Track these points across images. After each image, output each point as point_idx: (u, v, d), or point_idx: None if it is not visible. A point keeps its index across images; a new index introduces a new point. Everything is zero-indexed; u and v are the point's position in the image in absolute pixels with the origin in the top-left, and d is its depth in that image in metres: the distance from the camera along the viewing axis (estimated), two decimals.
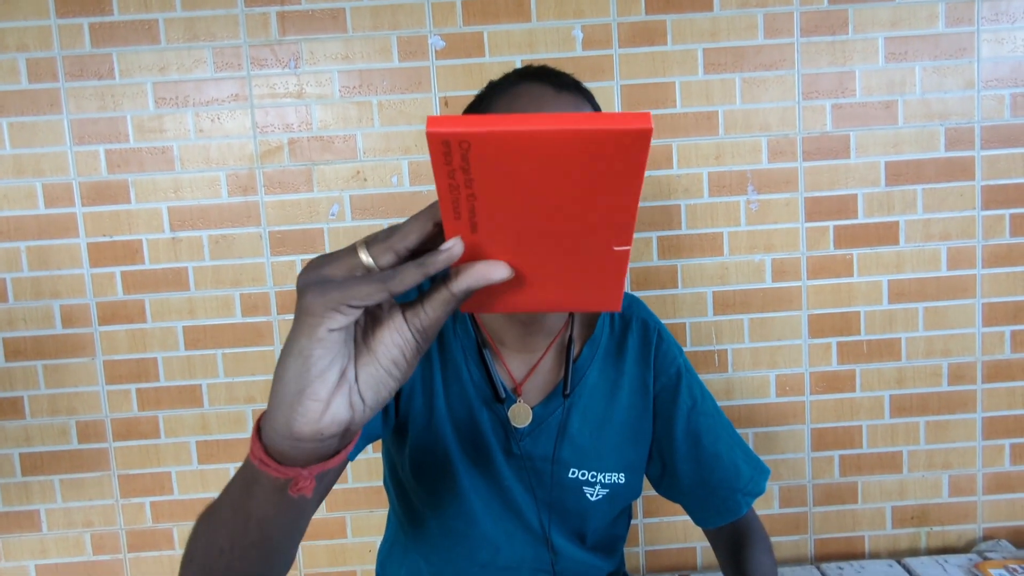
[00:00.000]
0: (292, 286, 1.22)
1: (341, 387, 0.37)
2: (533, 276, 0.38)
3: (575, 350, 0.73)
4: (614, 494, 0.73)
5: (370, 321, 0.39)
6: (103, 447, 1.23)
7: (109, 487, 1.24)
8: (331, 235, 1.22)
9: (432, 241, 0.36)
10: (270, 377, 1.24)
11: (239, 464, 1.24)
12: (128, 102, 1.18)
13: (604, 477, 0.72)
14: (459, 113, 0.71)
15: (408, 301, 0.39)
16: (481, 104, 0.68)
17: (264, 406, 1.24)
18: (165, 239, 1.21)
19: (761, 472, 0.76)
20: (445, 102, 1.20)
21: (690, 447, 0.73)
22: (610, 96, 1.19)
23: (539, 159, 0.31)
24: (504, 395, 0.69)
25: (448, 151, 0.30)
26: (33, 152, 1.18)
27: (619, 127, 0.30)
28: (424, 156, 1.21)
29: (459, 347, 0.71)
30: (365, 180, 1.21)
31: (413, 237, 0.36)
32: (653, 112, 1.21)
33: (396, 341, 0.38)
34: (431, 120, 0.30)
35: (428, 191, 1.21)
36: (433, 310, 0.37)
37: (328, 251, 0.33)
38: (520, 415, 0.69)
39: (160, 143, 1.19)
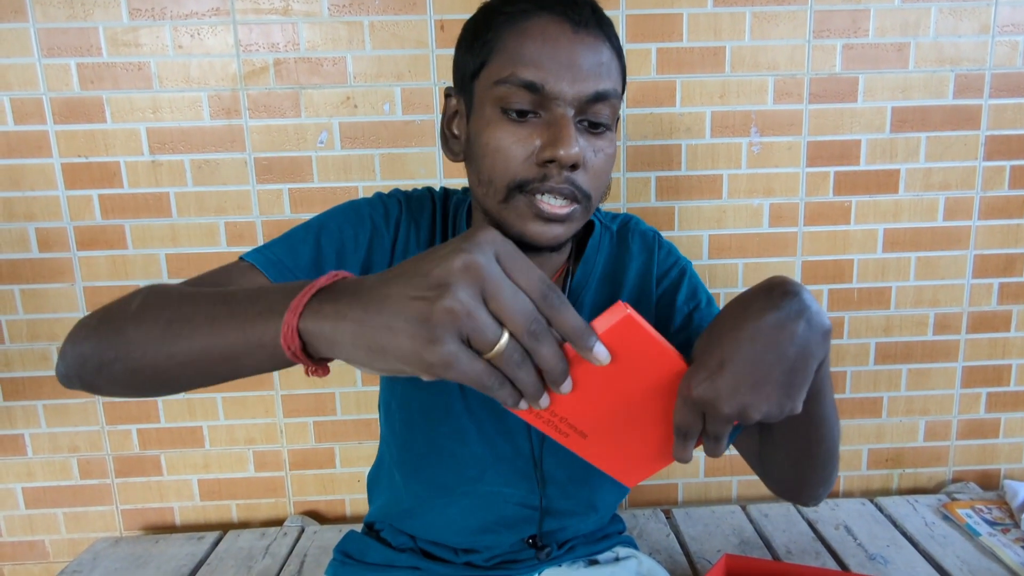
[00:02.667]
0: (279, 215, 1.18)
1: None
2: (602, 442, 0.46)
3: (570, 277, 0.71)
4: None
5: None
6: None
7: (94, 413, 1.23)
8: (319, 164, 1.17)
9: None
10: None
11: (226, 394, 1.23)
12: (100, 12, 1.10)
13: None
14: (455, 35, 0.66)
15: None
16: (488, 33, 0.60)
17: None
18: (144, 162, 1.15)
19: None
20: (441, 25, 1.13)
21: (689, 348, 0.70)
22: (615, 26, 1.13)
23: (588, 375, 0.40)
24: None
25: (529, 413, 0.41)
26: None
27: (604, 329, 0.38)
28: (417, 83, 1.15)
29: None
30: (355, 107, 1.16)
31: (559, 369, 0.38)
32: (658, 46, 1.16)
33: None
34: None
35: (422, 120, 1.16)
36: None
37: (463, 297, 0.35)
38: None
39: (136, 58, 1.12)
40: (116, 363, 0.47)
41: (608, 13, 0.61)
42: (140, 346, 0.46)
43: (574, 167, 0.57)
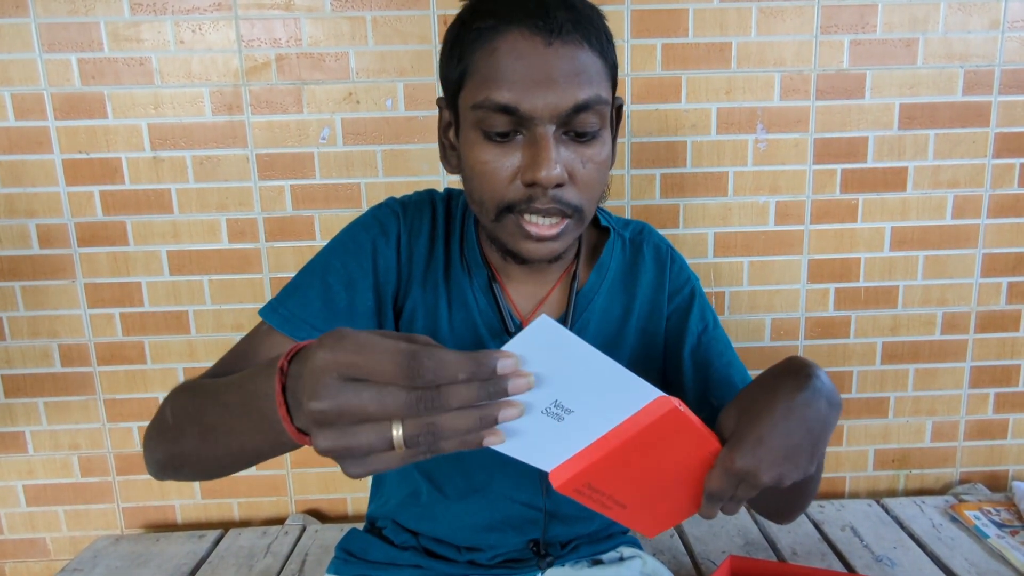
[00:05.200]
0: (280, 212, 1.18)
1: None
2: (637, 509, 0.51)
3: (580, 278, 0.71)
4: None
5: None
6: (87, 371, 1.21)
7: (95, 411, 1.23)
8: (321, 160, 1.16)
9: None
10: (259, 306, 1.20)
11: None
12: (101, 7, 1.09)
13: None
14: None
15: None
16: (461, 50, 0.57)
17: None
18: (146, 158, 1.15)
19: None
20: (444, 21, 1.12)
21: (698, 369, 0.71)
22: (620, 21, 1.12)
23: (631, 458, 0.44)
24: (513, 329, 0.68)
25: (580, 489, 0.46)
26: None
27: (651, 420, 0.41)
28: (420, 79, 1.14)
29: (465, 276, 0.69)
30: (358, 103, 1.15)
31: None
32: (663, 41, 1.15)
33: None
34: (554, 477, 0.44)
35: (424, 116, 1.15)
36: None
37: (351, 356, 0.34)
38: None
39: (137, 53, 1.11)
40: (184, 469, 0.55)
41: (613, 8, 0.60)
42: (193, 456, 0.52)
43: (559, 185, 0.56)
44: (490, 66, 0.55)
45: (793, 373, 0.50)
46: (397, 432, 0.34)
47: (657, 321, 0.72)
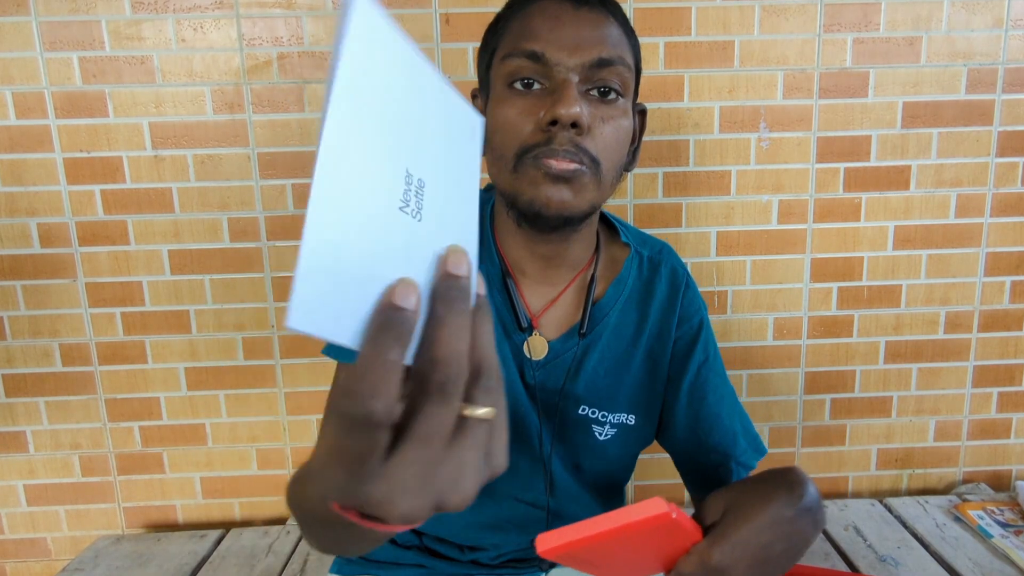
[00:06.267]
0: (282, 211, 1.17)
1: None
2: (607, 572, 0.53)
3: (597, 289, 0.71)
4: (623, 435, 0.72)
5: None
6: (88, 370, 1.21)
7: (96, 410, 1.22)
8: None
9: None
10: (260, 305, 1.21)
11: (229, 391, 1.22)
12: (102, 5, 1.09)
13: (614, 417, 0.71)
14: (461, 28, 0.68)
15: None
16: (498, 24, 0.64)
17: (253, 334, 1.21)
18: (147, 157, 1.14)
19: (757, 449, 0.74)
20: (446, 19, 1.12)
21: (692, 401, 0.72)
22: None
23: (616, 541, 0.46)
24: (524, 325, 0.68)
25: (561, 556, 0.47)
26: (0, 57, 1.10)
27: (643, 517, 0.43)
28: None
29: (483, 271, 0.69)
30: None
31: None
32: (666, 39, 1.15)
33: None
34: (540, 543, 0.46)
35: None
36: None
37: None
38: (536, 348, 0.68)
39: (139, 52, 1.11)
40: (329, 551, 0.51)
41: None
42: (317, 542, 0.47)
43: (576, 127, 0.57)
44: (522, 25, 0.60)
45: (788, 487, 0.52)
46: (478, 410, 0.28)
47: (664, 343, 0.73)
